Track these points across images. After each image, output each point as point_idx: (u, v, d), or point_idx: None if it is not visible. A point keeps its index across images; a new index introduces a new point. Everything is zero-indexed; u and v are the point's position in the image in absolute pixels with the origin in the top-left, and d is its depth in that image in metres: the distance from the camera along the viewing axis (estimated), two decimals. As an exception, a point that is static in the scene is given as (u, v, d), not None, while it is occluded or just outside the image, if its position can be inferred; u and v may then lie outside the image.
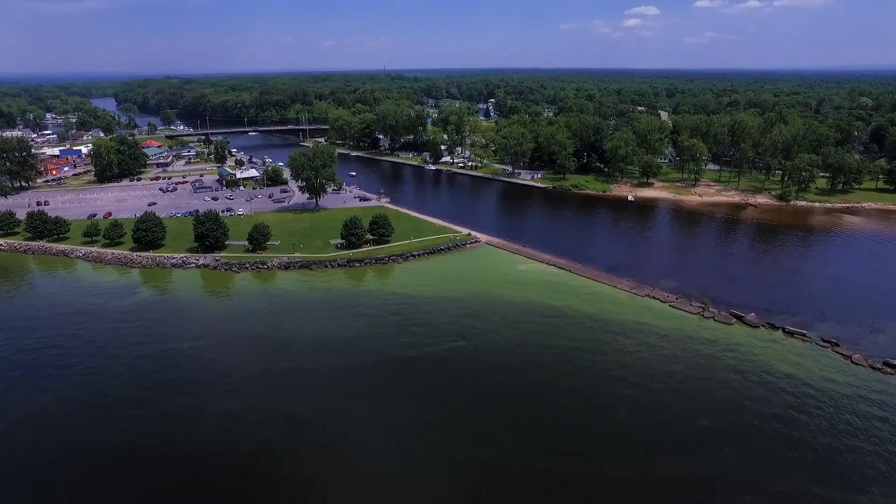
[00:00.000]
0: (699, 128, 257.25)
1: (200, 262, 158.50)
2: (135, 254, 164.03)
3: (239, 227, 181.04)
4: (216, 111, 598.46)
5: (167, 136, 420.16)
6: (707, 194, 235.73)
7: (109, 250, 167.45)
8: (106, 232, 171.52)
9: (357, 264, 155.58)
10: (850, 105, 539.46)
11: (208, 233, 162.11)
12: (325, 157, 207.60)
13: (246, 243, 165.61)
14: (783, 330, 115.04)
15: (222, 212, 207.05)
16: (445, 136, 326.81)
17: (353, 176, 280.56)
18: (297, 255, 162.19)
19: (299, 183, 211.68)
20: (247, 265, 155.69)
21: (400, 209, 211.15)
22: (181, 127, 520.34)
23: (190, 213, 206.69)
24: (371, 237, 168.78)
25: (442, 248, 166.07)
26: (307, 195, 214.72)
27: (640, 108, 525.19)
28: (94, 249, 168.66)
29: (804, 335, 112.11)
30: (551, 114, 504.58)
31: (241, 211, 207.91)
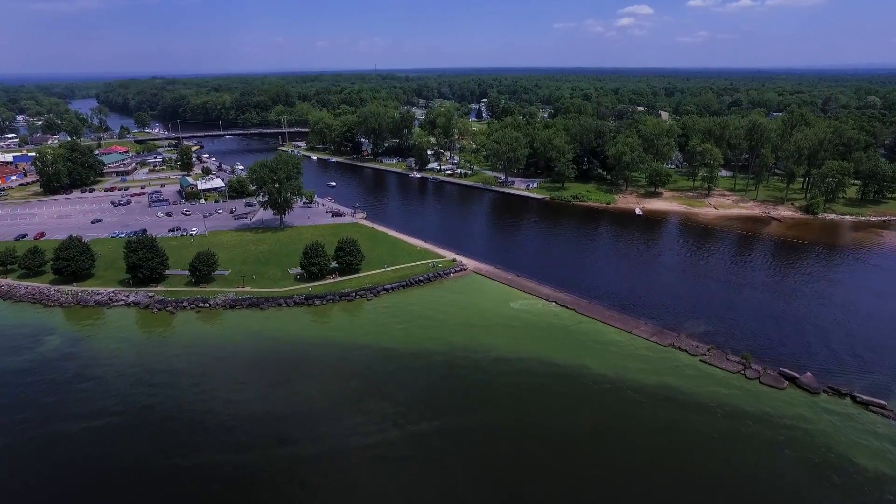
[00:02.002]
0: (712, 131, 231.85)
1: (131, 298, 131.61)
2: (54, 288, 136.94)
3: (188, 251, 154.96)
4: (196, 113, 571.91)
5: (136, 141, 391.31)
6: (723, 206, 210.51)
7: (24, 283, 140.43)
8: (22, 260, 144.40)
9: (318, 301, 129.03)
10: (857, 104, 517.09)
11: (142, 263, 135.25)
12: (291, 167, 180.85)
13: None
14: (853, 398, 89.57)
15: (170, 231, 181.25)
16: (433, 140, 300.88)
17: (333, 187, 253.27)
18: (248, 288, 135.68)
19: (261, 197, 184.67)
20: (185, 303, 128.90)
21: (376, 227, 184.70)
22: (156, 130, 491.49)
23: (135, 232, 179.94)
24: (336, 265, 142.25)
25: (421, 278, 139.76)
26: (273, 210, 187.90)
27: (639, 108, 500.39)
28: (6, 282, 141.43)
29: (883, 407, 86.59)
30: (546, 115, 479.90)
31: (194, 230, 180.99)
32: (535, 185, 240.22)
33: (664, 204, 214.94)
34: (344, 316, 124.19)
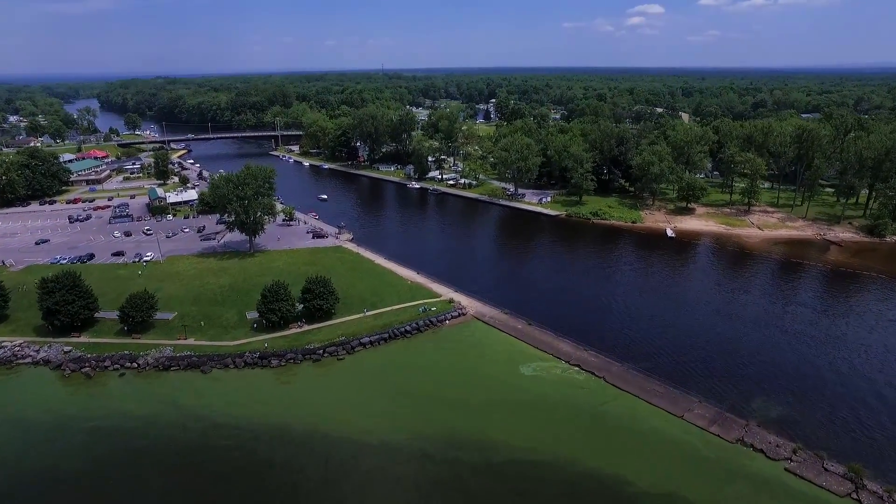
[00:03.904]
0: (752, 138, 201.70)
1: (40, 354, 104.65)
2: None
3: (134, 284, 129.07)
4: (192, 114, 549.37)
5: (120, 144, 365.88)
6: (768, 226, 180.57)
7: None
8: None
9: (274, 361, 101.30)
10: (892, 104, 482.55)
11: (60, 308, 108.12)
12: (261, 182, 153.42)
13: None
14: None
15: (115, 255, 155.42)
16: (437, 144, 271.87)
17: (325, 200, 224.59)
18: (191, 341, 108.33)
19: (226, 217, 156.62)
20: (108, 361, 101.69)
21: (362, 252, 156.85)
22: (147, 132, 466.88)
23: (80, 258, 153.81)
24: (303, 308, 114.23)
25: (408, 328, 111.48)
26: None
27: (658, 109, 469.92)
28: None
29: None
30: (559, 116, 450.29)
31: (149, 255, 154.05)
32: (548, 198, 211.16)
33: (699, 223, 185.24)
34: (306, 384, 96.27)
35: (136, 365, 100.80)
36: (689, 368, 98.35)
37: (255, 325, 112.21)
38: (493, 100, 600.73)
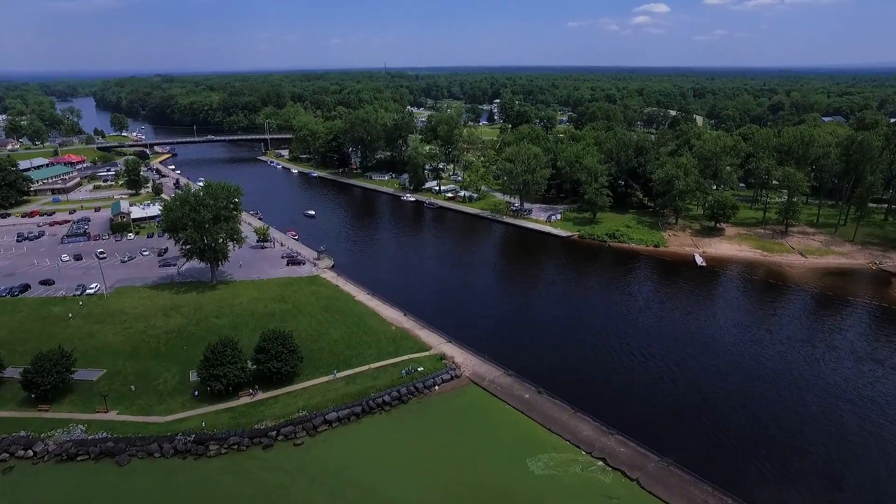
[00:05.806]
0: (791, 150, 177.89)
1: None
2: None
3: (63, 328, 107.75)
4: (184, 114, 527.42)
5: (99, 148, 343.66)
6: (811, 251, 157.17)
7: None
8: None
9: (213, 447, 78.58)
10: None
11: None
12: (223, 202, 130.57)
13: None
14: None
15: (42, 284, 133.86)
16: (437, 150, 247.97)
17: (312, 217, 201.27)
18: (114, 414, 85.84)
19: (180, 243, 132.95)
20: (-3, 447, 79.15)
21: (341, 284, 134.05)
22: (134, 133, 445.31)
23: (10, 290, 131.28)
24: (256, 369, 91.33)
25: (387, 398, 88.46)
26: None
27: (671, 111, 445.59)
28: None
29: None
30: (566, 118, 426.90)
31: (93, 287, 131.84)
32: (557, 216, 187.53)
33: (731, 247, 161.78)
34: (249, 486, 73.15)
35: (33, 453, 78.18)
36: (750, 462, 75.44)
37: (197, 393, 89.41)
38: (497, 100, 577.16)
